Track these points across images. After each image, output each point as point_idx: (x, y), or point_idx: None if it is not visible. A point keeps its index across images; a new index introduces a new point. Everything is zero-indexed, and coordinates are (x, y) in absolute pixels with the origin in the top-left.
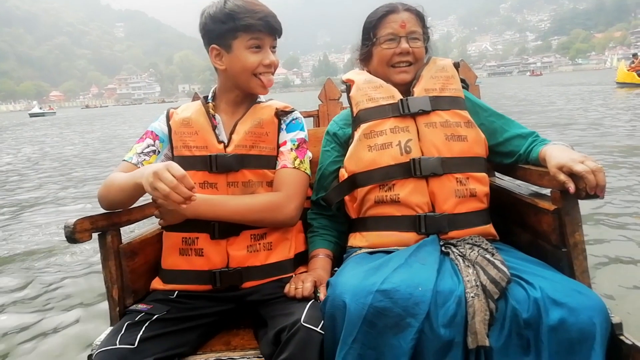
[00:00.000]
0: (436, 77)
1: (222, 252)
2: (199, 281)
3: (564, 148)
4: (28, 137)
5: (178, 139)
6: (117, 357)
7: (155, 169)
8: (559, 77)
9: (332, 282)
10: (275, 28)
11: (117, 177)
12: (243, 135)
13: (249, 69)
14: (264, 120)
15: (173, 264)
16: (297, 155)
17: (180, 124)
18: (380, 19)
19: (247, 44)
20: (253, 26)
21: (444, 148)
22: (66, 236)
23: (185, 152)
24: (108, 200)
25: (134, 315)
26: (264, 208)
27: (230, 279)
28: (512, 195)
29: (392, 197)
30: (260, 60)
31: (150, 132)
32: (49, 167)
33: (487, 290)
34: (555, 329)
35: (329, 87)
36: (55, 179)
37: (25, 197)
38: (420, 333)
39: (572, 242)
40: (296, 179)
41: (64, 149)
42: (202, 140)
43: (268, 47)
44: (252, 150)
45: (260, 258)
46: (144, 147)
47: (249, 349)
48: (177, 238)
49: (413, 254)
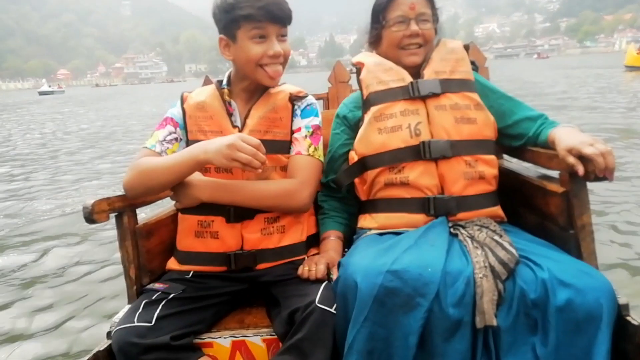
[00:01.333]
0: (446, 60)
1: (237, 235)
2: (214, 263)
3: (573, 130)
4: (46, 114)
5: (193, 123)
6: (135, 334)
7: (230, 141)
8: (567, 60)
9: (344, 263)
10: (280, 16)
11: (154, 161)
12: (257, 120)
13: (253, 60)
14: (277, 106)
15: (188, 246)
16: (312, 142)
17: (194, 107)
18: (389, 2)
19: (249, 34)
20: (254, 15)
21: (453, 131)
22: (84, 217)
23: (200, 136)
24: (146, 187)
25: (150, 294)
26: (278, 194)
27: (245, 261)
28: (520, 178)
29: (401, 179)
30: (264, 50)
31: (171, 119)
32: (77, 144)
33: (495, 271)
34: (563, 310)
35: (339, 70)
36: (86, 155)
37: (64, 174)
38: (430, 312)
39: (579, 224)
40: (310, 166)
41: (82, 125)
42: (217, 125)
43: (274, 37)
44: (266, 135)
45: (274, 241)
46: (166, 134)
47: (262, 327)
48: (193, 221)
49: (422, 235)
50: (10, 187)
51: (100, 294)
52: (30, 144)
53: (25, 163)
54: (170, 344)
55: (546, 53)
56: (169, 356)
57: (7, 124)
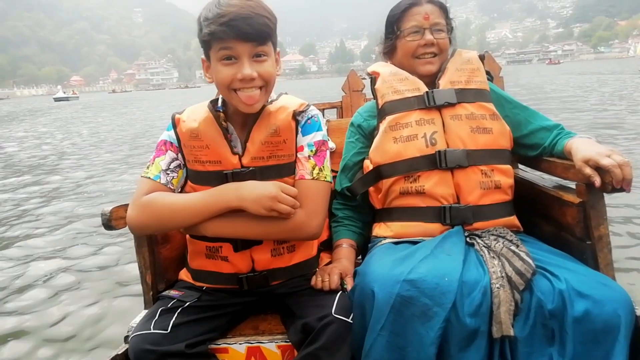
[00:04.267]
0: (462, 70)
1: (247, 259)
2: (226, 282)
3: (590, 141)
4: (69, 119)
5: (189, 153)
6: (151, 342)
7: (272, 193)
8: (579, 66)
9: (360, 271)
10: (248, 33)
11: (170, 200)
12: (259, 146)
13: (223, 84)
14: (280, 127)
15: (200, 265)
16: (316, 163)
17: (188, 136)
18: (403, 12)
19: (217, 55)
20: (216, 33)
21: (469, 140)
22: (103, 223)
23: (199, 166)
24: (161, 227)
25: (166, 301)
26: (287, 228)
27: (257, 282)
28: (535, 188)
29: (417, 188)
30: (233, 73)
31: (170, 144)
32: (109, 147)
33: (512, 281)
34: (580, 321)
35: (353, 79)
36: (117, 157)
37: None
38: (447, 322)
39: (597, 235)
40: (316, 192)
41: (112, 130)
42: (215, 155)
43: (245, 57)
44: (269, 161)
45: (284, 260)
46: (169, 161)
47: (277, 334)
48: (202, 245)
49: (439, 244)
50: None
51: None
52: (82, 144)
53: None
54: (185, 352)
55: (558, 59)
56: None
57: (40, 127)
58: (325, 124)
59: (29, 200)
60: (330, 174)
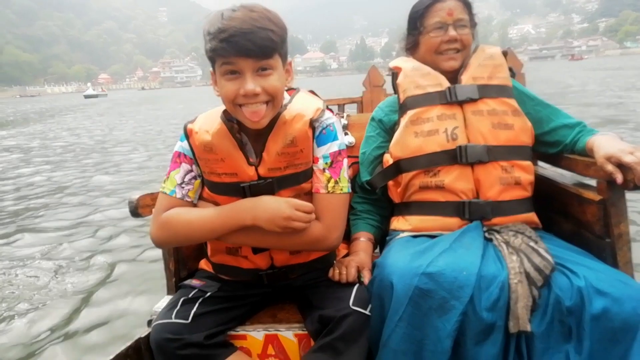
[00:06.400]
0: (484, 65)
1: (266, 257)
2: (246, 276)
3: (613, 138)
4: (110, 115)
5: (204, 165)
6: (172, 331)
7: (287, 213)
8: (603, 61)
9: (379, 264)
10: (250, 49)
11: (187, 217)
12: (276, 157)
13: (228, 99)
14: (297, 137)
15: (221, 260)
16: (331, 175)
17: (202, 149)
18: (427, 8)
19: (221, 70)
20: (217, 49)
21: (490, 136)
22: (130, 210)
23: (215, 178)
24: (180, 243)
25: (188, 290)
26: (306, 242)
27: (277, 278)
28: (555, 185)
29: (437, 183)
30: (236, 88)
31: (184, 156)
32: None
33: (530, 277)
34: (598, 318)
35: (373, 74)
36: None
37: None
38: (464, 315)
39: (616, 233)
40: (333, 206)
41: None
42: (231, 167)
43: (248, 73)
44: (287, 171)
45: (303, 257)
46: (183, 175)
47: (294, 322)
48: (222, 245)
49: (457, 239)
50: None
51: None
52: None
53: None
54: (203, 343)
55: (581, 55)
56: (203, 352)
57: (82, 121)
58: (344, 122)
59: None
60: (348, 184)
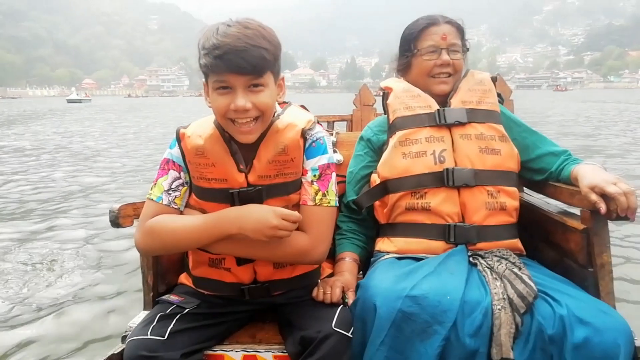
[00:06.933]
0: (474, 90)
1: (249, 271)
2: (227, 291)
3: (597, 168)
4: (97, 121)
5: (194, 169)
6: (147, 348)
7: (273, 224)
8: (587, 94)
9: (363, 285)
10: (243, 67)
11: (172, 225)
12: (266, 165)
13: (219, 113)
14: (288, 146)
15: (202, 273)
16: (319, 188)
17: (194, 153)
18: (421, 31)
19: (213, 84)
20: (211, 65)
21: (477, 160)
22: (110, 220)
23: (204, 183)
24: (165, 250)
25: (166, 306)
26: (291, 254)
27: (259, 293)
28: (540, 212)
29: (423, 205)
30: (227, 103)
31: (172, 163)
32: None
33: (513, 303)
34: (580, 347)
35: (364, 93)
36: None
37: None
38: (446, 341)
39: (599, 263)
40: (320, 218)
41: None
42: (221, 173)
43: (239, 89)
44: (276, 179)
45: (286, 272)
46: (170, 182)
47: (274, 344)
48: (205, 256)
49: (442, 262)
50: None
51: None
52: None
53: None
54: None
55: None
56: None
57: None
58: (333, 139)
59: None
60: (336, 198)
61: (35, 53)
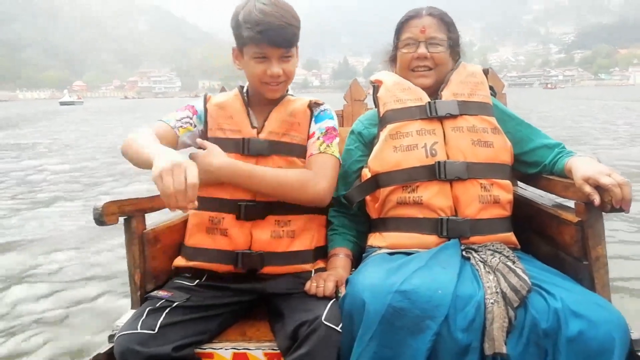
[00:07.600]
0: (465, 82)
1: (246, 234)
2: (221, 260)
3: (591, 160)
4: (100, 123)
5: (213, 121)
6: (137, 342)
7: (174, 161)
8: (576, 92)
9: (352, 280)
10: (279, 41)
11: (140, 138)
12: (276, 122)
13: (256, 78)
14: (296, 111)
15: (197, 242)
16: (324, 141)
17: (216, 107)
18: (402, 24)
19: (251, 53)
20: (254, 38)
21: (469, 153)
22: (94, 218)
23: (219, 133)
24: (129, 159)
25: (155, 301)
26: (295, 183)
27: (252, 262)
28: (534, 205)
29: (415, 198)
30: (264, 70)
31: (191, 107)
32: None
33: (507, 297)
34: (574, 341)
35: (355, 88)
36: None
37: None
38: (438, 336)
39: (594, 256)
40: (323, 161)
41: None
42: (236, 124)
43: (274, 59)
44: (283, 138)
45: (283, 245)
46: (183, 116)
47: (265, 341)
48: (205, 217)
49: (434, 256)
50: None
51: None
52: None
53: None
54: (171, 355)
55: (555, 84)
56: None
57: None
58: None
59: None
60: (339, 154)
61: (25, 55)
